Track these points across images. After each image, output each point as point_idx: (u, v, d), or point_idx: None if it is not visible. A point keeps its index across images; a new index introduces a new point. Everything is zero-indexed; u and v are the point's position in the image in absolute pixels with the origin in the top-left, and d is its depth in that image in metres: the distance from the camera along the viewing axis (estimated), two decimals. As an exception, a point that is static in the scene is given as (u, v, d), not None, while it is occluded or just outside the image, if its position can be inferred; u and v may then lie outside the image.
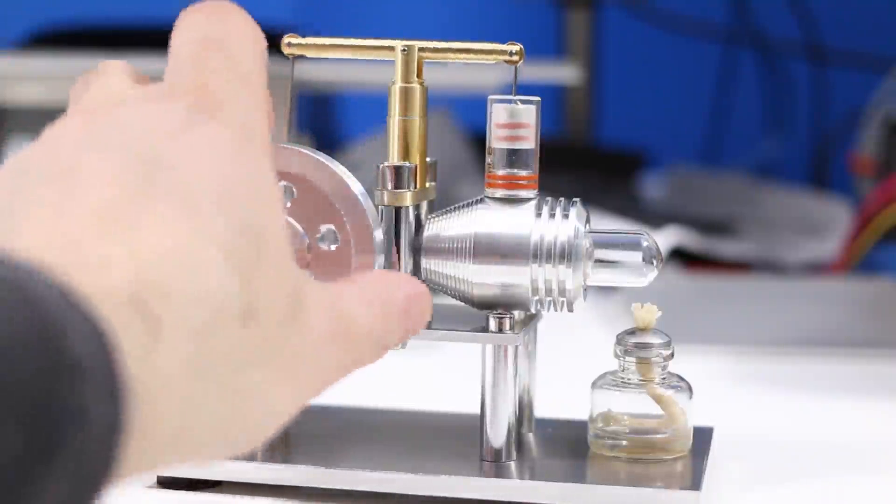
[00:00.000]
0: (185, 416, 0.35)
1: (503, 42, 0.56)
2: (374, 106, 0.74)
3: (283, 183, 0.54)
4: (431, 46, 0.57)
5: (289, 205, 0.54)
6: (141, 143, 0.38)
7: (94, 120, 0.40)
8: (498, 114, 0.56)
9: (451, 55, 0.57)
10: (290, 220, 0.54)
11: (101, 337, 0.32)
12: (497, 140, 0.56)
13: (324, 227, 0.54)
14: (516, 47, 0.55)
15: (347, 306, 0.42)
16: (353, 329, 0.42)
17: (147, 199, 0.36)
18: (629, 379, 0.58)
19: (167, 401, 0.35)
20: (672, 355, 0.58)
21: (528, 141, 0.56)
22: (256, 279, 0.37)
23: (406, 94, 0.56)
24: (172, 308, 0.35)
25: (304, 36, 0.57)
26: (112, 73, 0.45)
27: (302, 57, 0.57)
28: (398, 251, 0.56)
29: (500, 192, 0.56)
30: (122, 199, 0.36)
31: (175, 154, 0.38)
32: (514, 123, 0.56)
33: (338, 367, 0.42)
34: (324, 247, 0.54)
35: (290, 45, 0.57)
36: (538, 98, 0.56)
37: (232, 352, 0.36)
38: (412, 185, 0.56)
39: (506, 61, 0.56)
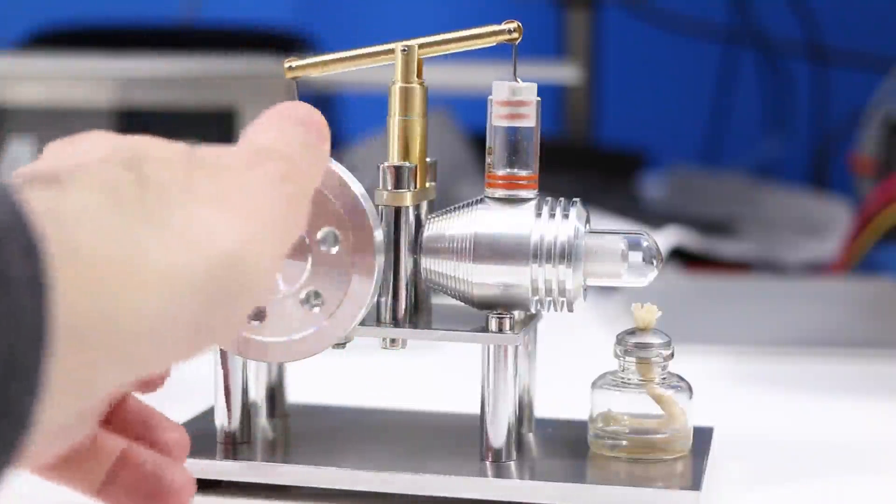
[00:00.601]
0: (123, 246, 0.36)
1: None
2: (374, 106, 0.74)
3: None
4: (431, 41, 0.57)
5: None
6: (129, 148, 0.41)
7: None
8: (499, 91, 0.56)
9: (452, 45, 0.57)
10: None
11: (12, 204, 0.33)
12: (498, 118, 0.56)
13: (324, 230, 0.54)
14: (514, 24, 0.55)
15: (248, 138, 0.45)
16: (261, 149, 0.44)
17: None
18: (629, 379, 0.58)
19: (93, 228, 0.36)
20: (672, 355, 0.58)
21: (529, 119, 0.56)
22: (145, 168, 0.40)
23: (406, 94, 0.56)
24: (77, 173, 0.37)
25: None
26: None
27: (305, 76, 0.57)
28: (398, 251, 0.56)
29: (500, 192, 0.56)
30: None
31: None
32: (516, 101, 0.56)
33: (275, 191, 0.43)
34: (324, 249, 0.54)
35: (291, 68, 0.57)
36: (539, 98, 0.56)
37: (160, 187, 0.39)
38: (412, 185, 0.56)
39: (506, 40, 0.56)
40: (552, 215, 0.55)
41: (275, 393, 0.62)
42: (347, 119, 1.58)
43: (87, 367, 0.34)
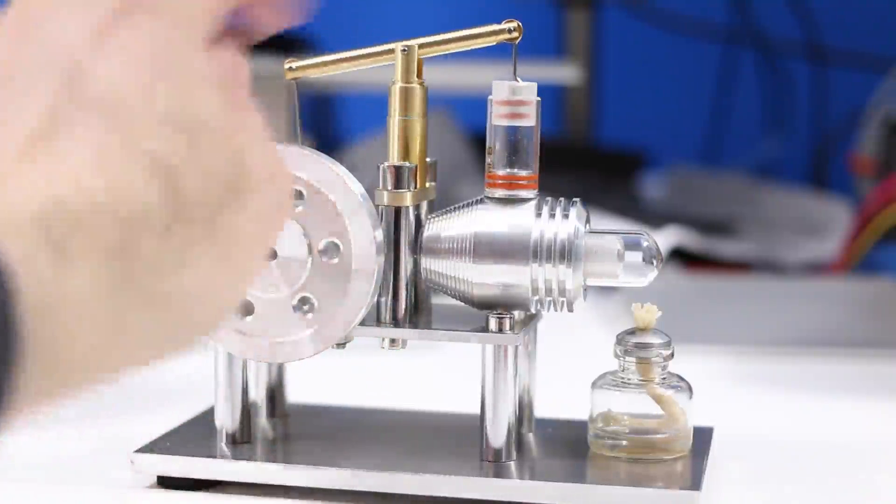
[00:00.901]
0: (109, 332, 0.35)
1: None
2: (374, 106, 0.74)
3: (295, 188, 0.54)
4: (431, 41, 0.57)
5: (300, 209, 0.54)
6: (65, 55, 0.38)
7: (25, 31, 0.39)
8: (499, 91, 0.56)
9: (452, 45, 0.57)
10: (295, 223, 0.54)
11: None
12: (498, 118, 0.56)
13: (324, 241, 0.54)
14: (514, 24, 0.55)
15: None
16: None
17: (71, 116, 0.36)
18: (629, 379, 0.58)
19: (80, 321, 0.34)
20: (672, 355, 0.58)
21: (529, 119, 0.56)
22: (188, 172, 0.37)
23: (406, 94, 0.56)
24: (84, 229, 0.35)
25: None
26: None
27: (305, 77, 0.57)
28: (398, 251, 0.56)
29: (500, 192, 0.56)
30: (46, 122, 0.36)
31: (99, 60, 0.38)
32: (516, 101, 0.56)
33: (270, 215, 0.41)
34: (325, 259, 0.54)
35: (291, 69, 0.57)
36: (539, 98, 0.56)
37: (155, 262, 0.36)
38: (412, 185, 0.56)
39: (506, 40, 0.56)
40: (552, 215, 0.55)
41: (275, 393, 0.62)
42: (347, 119, 1.58)
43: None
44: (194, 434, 0.60)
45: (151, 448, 0.58)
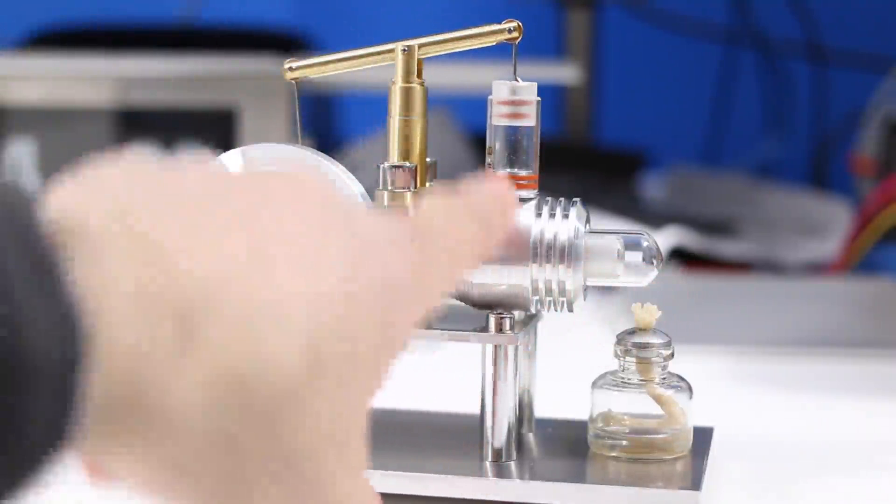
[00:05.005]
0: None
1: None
2: (374, 106, 0.74)
3: None
4: (431, 40, 0.57)
5: None
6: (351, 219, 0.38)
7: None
8: (499, 91, 0.56)
9: (452, 45, 0.57)
10: None
11: (70, 334, 0.30)
12: (498, 118, 0.56)
13: None
14: (514, 24, 0.55)
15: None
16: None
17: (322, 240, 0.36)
18: (629, 379, 0.58)
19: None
20: (672, 355, 0.58)
21: (529, 119, 0.56)
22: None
23: (406, 94, 0.56)
24: (219, 327, 0.34)
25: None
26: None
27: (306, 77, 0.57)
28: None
29: (500, 192, 0.56)
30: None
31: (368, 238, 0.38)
32: (516, 100, 0.56)
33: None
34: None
35: (291, 69, 0.57)
36: (539, 98, 0.56)
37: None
38: (412, 185, 0.56)
39: (506, 40, 0.56)
40: (552, 215, 0.55)
41: (275, 393, 0.62)
42: (347, 119, 1.58)
43: None
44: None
45: (151, 448, 0.58)
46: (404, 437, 0.60)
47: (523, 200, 0.56)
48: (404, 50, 0.56)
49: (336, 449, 0.37)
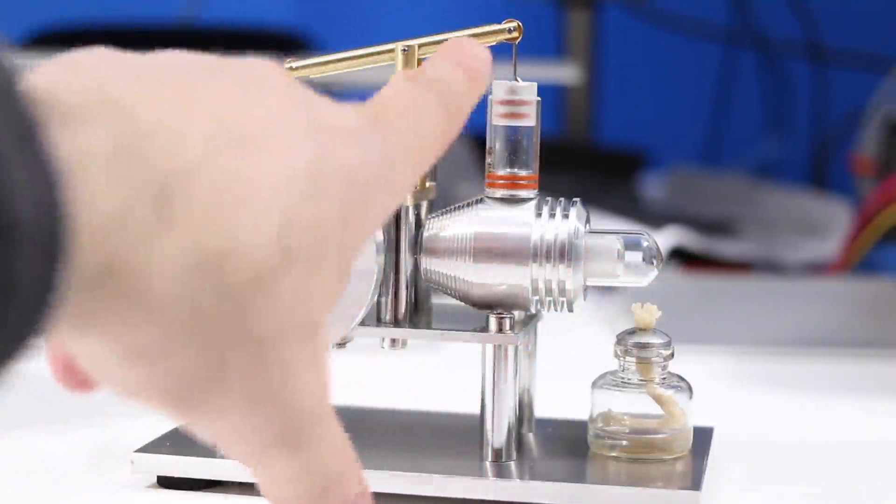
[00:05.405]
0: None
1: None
2: (374, 106, 0.74)
3: None
4: (431, 40, 0.57)
5: None
6: (304, 102, 0.39)
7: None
8: (499, 91, 0.56)
9: None
10: None
11: (51, 196, 0.31)
12: (498, 118, 0.56)
13: None
14: (514, 24, 0.55)
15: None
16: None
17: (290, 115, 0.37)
18: (629, 379, 0.58)
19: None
20: (672, 355, 0.58)
21: (529, 118, 0.56)
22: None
23: (406, 94, 0.56)
24: (195, 206, 0.34)
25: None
26: None
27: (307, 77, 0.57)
28: (398, 251, 0.56)
29: (500, 192, 0.56)
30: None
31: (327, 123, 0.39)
32: (515, 100, 0.56)
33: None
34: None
35: (291, 69, 0.57)
36: (539, 98, 0.56)
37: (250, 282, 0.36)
38: (412, 185, 0.56)
39: (506, 40, 0.56)
40: (552, 215, 0.55)
41: (275, 393, 0.62)
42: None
43: None
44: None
45: (151, 448, 0.58)
46: (404, 437, 0.60)
47: (523, 200, 0.56)
48: (404, 50, 0.56)
49: (300, 338, 0.38)
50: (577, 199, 0.57)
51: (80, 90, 0.34)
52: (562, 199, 0.56)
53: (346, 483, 0.42)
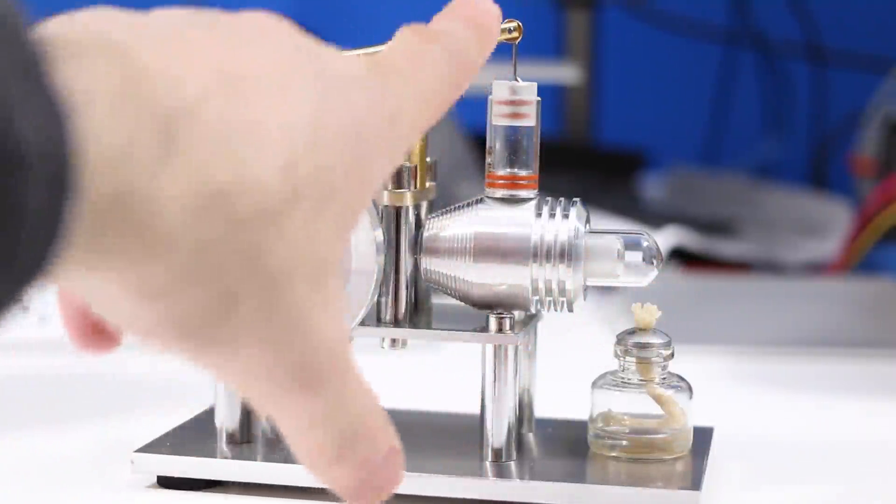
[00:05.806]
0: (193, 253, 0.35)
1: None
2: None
3: None
4: (432, 41, 0.56)
5: None
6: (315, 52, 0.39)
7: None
8: (499, 91, 0.56)
9: None
10: None
11: (59, 129, 0.31)
12: (498, 118, 0.56)
13: None
14: (514, 23, 0.55)
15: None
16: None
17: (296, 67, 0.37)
18: (629, 379, 0.58)
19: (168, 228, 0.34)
20: (672, 355, 0.58)
21: (529, 118, 0.56)
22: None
23: (406, 93, 0.56)
24: (201, 141, 0.34)
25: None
26: None
27: None
28: (398, 251, 0.56)
29: (500, 192, 0.56)
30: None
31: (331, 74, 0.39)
32: (516, 100, 0.56)
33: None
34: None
35: None
36: (539, 98, 0.56)
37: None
38: (412, 184, 0.56)
39: (506, 40, 0.56)
40: (552, 215, 0.55)
41: (275, 393, 0.62)
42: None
43: None
44: (194, 434, 0.60)
45: (151, 448, 0.58)
46: (404, 437, 0.60)
47: (523, 200, 0.56)
48: (404, 50, 0.56)
49: (311, 277, 0.37)
50: (577, 199, 0.57)
51: (83, 34, 0.34)
52: (562, 199, 0.56)
53: (375, 439, 0.41)
